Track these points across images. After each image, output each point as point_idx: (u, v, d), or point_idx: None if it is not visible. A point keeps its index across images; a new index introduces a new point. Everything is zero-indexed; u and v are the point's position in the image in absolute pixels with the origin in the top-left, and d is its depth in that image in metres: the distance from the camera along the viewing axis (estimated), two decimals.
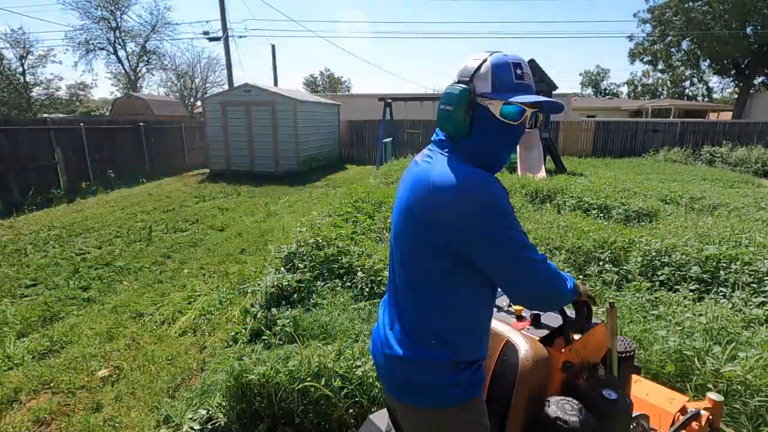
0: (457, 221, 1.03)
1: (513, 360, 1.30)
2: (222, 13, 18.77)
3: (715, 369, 2.20)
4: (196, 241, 6.48)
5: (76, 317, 4.04)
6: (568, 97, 21.26)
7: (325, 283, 3.83)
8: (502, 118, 1.08)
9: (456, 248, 1.06)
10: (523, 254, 1.06)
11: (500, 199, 1.04)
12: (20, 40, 25.71)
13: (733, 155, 14.51)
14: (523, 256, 1.06)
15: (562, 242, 4.45)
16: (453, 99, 1.09)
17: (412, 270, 1.17)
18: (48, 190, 9.40)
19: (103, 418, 2.66)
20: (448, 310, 1.14)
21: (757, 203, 6.99)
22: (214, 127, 13.11)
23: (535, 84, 1.14)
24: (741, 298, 3.18)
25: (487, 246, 1.04)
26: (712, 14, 23.94)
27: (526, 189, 7.56)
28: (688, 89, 40.94)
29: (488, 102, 1.08)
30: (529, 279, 1.08)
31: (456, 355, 1.15)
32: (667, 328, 2.61)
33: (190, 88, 30.46)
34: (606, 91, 55.35)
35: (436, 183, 1.06)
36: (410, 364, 1.16)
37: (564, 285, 1.18)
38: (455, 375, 1.14)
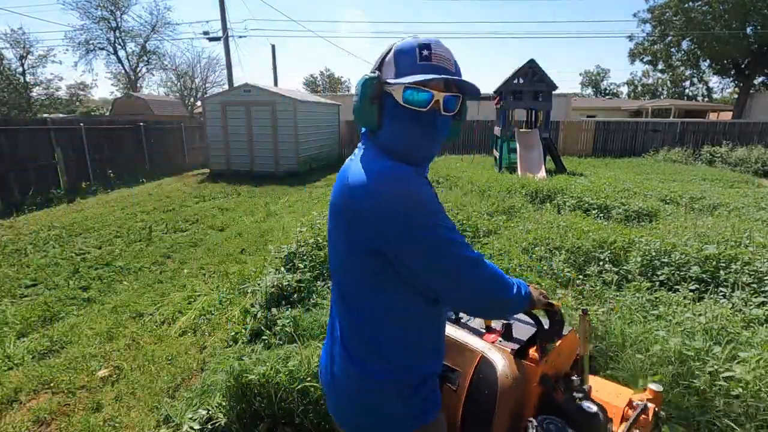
0: (376, 218, 0.91)
1: (491, 377, 1.23)
2: (222, 13, 18.77)
3: (714, 370, 2.20)
4: (196, 241, 6.48)
5: (76, 317, 4.04)
6: (568, 97, 21.26)
7: (325, 283, 3.84)
8: (407, 105, 0.96)
9: (378, 248, 0.94)
10: (453, 252, 0.93)
11: (422, 194, 0.93)
12: (20, 40, 25.76)
13: (733, 155, 14.51)
14: (453, 254, 0.93)
15: (562, 242, 4.45)
16: (358, 90, 1.00)
17: (342, 276, 1.06)
18: (48, 190, 9.40)
19: (103, 418, 2.66)
20: (383, 321, 1.01)
21: (757, 203, 6.99)
22: (214, 127, 13.11)
23: (535, 84, 1.10)
24: (741, 298, 3.18)
25: (411, 245, 0.92)
26: (712, 14, 23.95)
27: (526, 189, 7.56)
28: (688, 89, 40.94)
29: (391, 89, 0.97)
30: (463, 281, 0.95)
31: (403, 374, 1.02)
32: (667, 329, 2.61)
33: (190, 88, 30.47)
34: (606, 91, 55.35)
35: (351, 178, 0.97)
36: (352, 387, 1.04)
37: (508, 288, 1.04)
38: (405, 397, 1.01)
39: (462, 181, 8.37)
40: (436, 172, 9.14)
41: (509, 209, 6.26)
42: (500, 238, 4.78)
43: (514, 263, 3.89)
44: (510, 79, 12.19)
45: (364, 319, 1.03)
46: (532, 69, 11.89)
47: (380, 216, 0.91)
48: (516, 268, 3.80)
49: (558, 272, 3.88)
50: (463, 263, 0.94)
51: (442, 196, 6.86)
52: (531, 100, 12.31)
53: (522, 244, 4.49)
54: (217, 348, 3.37)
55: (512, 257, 4.05)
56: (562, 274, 3.86)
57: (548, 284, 3.60)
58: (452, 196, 7.03)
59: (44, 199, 9.11)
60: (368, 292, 1.01)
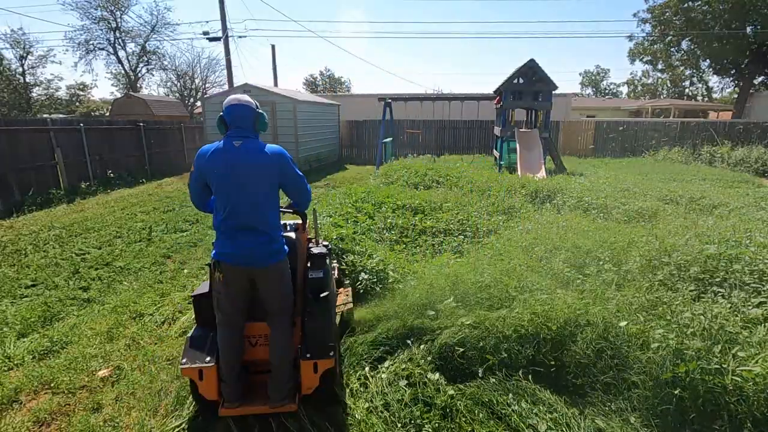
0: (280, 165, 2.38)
1: (291, 239, 2.64)
2: (222, 13, 18.77)
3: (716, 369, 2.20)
4: (196, 241, 6.48)
5: (76, 317, 4.04)
6: (568, 97, 21.25)
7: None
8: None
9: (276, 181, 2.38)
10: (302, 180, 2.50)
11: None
12: (20, 41, 25.75)
13: (733, 155, 14.51)
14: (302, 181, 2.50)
15: (562, 242, 4.45)
16: (266, 117, 2.47)
17: (255, 195, 2.31)
18: (48, 191, 9.39)
19: (103, 419, 2.66)
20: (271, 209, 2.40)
21: (757, 203, 6.98)
22: (214, 127, 13.09)
23: (535, 84, 1.14)
24: (740, 298, 3.18)
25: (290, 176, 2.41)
26: (712, 14, 23.95)
27: (526, 189, 7.56)
28: (688, 89, 40.96)
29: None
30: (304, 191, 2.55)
31: (275, 232, 2.40)
32: (666, 328, 2.61)
33: (190, 89, 30.48)
34: (606, 91, 55.36)
35: (269, 148, 2.35)
36: (268, 244, 2.34)
37: (310, 198, 2.66)
38: (280, 243, 2.43)
39: (462, 181, 8.37)
40: (436, 172, 9.14)
41: (509, 209, 6.26)
42: (500, 238, 4.78)
43: (514, 263, 3.88)
44: (510, 79, 12.19)
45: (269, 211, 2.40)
46: (532, 69, 11.89)
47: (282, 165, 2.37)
48: (516, 268, 3.80)
49: (558, 272, 3.88)
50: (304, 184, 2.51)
51: (442, 196, 6.86)
52: (531, 100, 12.31)
53: (522, 243, 4.48)
54: None
55: (512, 257, 4.05)
56: (562, 274, 3.85)
57: (548, 284, 3.60)
58: (452, 196, 7.03)
59: (44, 200, 9.11)
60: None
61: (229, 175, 2.23)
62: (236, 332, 2.40)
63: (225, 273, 2.31)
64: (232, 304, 2.37)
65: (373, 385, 2.61)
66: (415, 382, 2.58)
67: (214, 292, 2.39)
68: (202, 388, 2.33)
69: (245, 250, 2.28)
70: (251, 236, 2.30)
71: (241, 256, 2.29)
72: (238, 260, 2.29)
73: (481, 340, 2.85)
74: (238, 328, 2.42)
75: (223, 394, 2.37)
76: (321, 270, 2.61)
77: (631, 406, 2.38)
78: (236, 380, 2.37)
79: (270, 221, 2.34)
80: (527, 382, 2.62)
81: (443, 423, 2.36)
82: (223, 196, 2.28)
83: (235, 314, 2.39)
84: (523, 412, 2.37)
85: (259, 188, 2.28)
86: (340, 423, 2.43)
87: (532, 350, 2.81)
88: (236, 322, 2.40)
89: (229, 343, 2.37)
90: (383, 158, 13.36)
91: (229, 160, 2.23)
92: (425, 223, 5.49)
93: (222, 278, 2.31)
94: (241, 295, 2.38)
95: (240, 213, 2.27)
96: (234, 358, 2.36)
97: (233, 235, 2.30)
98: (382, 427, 2.32)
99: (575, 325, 2.85)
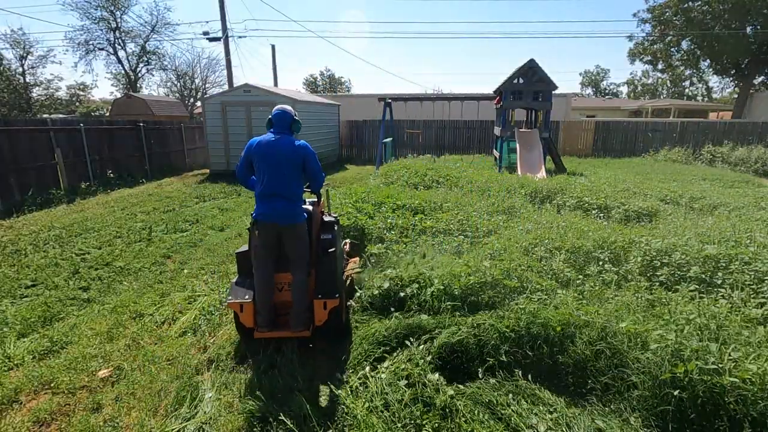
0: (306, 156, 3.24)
1: (309, 212, 3.40)
2: (222, 13, 18.79)
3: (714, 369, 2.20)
4: (196, 242, 6.48)
5: (76, 317, 4.04)
6: (568, 97, 21.25)
7: None
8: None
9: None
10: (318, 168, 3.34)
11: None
12: (20, 41, 25.75)
13: (733, 155, 14.51)
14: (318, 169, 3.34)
15: (562, 242, 4.45)
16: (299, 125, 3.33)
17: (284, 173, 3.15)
18: (48, 191, 9.39)
19: (103, 419, 2.66)
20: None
21: (757, 203, 6.99)
22: (214, 128, 13.12)
23: (535, 84, 1.15)
24: (740, 298, 3.18)
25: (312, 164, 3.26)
26: (712, 14, 23.94)
27: (526, 189, 7.56)
28: (688, 89, 40.96)
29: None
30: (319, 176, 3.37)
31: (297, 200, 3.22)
32: (665, 328, 2.61)
33: (190, 89, 30.50)
34: (606, 91, 55.35)
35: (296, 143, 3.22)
36: (292, 208, 3.15)
37: (322, 183, 3.45)
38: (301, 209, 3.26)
39: (462, 181, 8.37)
40: (436, 172, 9.14)
41: (509, 209, 6.26)
42: (500, 238, 4.78)
43: (514, 263, 3.88)
44: (510, 79, 12.19)
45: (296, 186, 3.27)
46: (532, 69, 11.89)
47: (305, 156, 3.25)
48: (516, 269, 3.80)
49: (558, 272, 3.88)
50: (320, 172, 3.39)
51: (442, 196, 6.86)
52: (531, 100, 12.31)
53: (522, 244, 4.48)
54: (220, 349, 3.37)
55: (512, 257, 4.05)
56: (562, 274, 3.85)
57: (548, 284, 3.60)
58: (452, 196, 7.03)
59: (44, 200, 9.11)
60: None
61: (268, 158, 3.15)
62: (268, 275, 3.22)
63: (260, 228, 3.15)
64: (265, 254, 3.19)
65: (373, 385, 2.61)
66: (415, 382, 2.59)
67: (252, 246, 3.23)
68: (242, 317, 3.18)
69: (275, 210, 3.13)
70: (280, 201, 3.14)
71: (272, 215, 3.14)
72: (270, 218, 3.14)
73: (480, 341, 2.85)
74: (269, 272, 3.23)
75: (258, 322, 3.18)
76: (330, 233, 3.54)
77: (630, 406, 2.38)
78: (267, 312, 3.18)
79: (294, 192, 3.20)
80: (527, 382, 2.62)
81: (443, 423, 2.36)
82: (263, 172, 3.16)
83: (267, 262, 3.21)
84: (523, 412, 2.37)
85: (288, 169, 3.16)
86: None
87: (531, 351, 2.82)
88: (268, 268, 3.22)
89: (263, 284, 3.19)
90: (383, 158, 13.36)
91: (269, 148, 3.16)
92: (425, 223, 5.49)
93: (258, 233, 3.14)
94: (271, 247, 3.20)
95: (273, 185, 3.15)
96: (266, 294, 3.19)
97: (268, 200, 3.15)
98: (382, 427, 2.32)
99: (574, 326, 2.86)
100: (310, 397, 2.70)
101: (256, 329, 3.19)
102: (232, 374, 3.03)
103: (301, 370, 3.01)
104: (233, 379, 2.96)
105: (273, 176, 3.14)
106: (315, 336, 3.31)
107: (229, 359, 3.23)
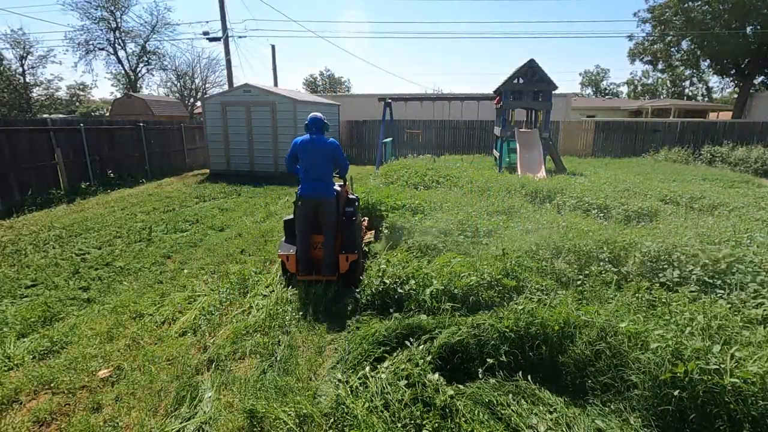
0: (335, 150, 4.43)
1: (337, 193, 4.53)
2: (222, 13, 18.78)
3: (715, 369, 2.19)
4: (196, 242, 6.48)
5: (76, 317, 4.04)
6: (568, 97, 21.23)
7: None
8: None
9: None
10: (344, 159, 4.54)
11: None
12: (20, 41, 25.75)
13: (733, 155, 14.51)
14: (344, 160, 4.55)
15: (563, 242, 4.45)
16: (328, 126, 4.48)
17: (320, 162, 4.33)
18: (48, 191, 9.39)
19: (103, 419, 2.66)
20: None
21: (757, 203, 6.99)
22: (214, 127, 13.12)
23: (535, 84, 1.15)
24: (740, 298, 3.18)
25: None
26: (712, 14, 23.94)
27: (526, 189, 7.55)
28: (688, 89, 40.96)
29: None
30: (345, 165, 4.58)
31: (329, 182, 4.43)
32: (666, 328, 2.61)
33: (190, 89, 30.49)
34: (606, 91, 55.34)
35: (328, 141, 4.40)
36: (326, 188, 4.35)
37: (347, 171, 4.67)
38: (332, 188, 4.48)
39: (462, 181, 8.37)
40: (436, 172, 9.14)
41: (509, 209, 6.26)
42: (500, 238, 4.78)
43: (514, 263, 3.88)
44: (510, 79, 12.19)
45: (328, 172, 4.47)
46: (532, 69, 11.89)
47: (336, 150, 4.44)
48: (516, 269, 3.80)
49: (558, 272, 3.88)
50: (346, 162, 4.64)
51: (442, 196, 6.86)
52: (531, 100, 12.30)
53: (522, 244, 4.48)
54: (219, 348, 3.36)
55: (513, 257, 4.05)
56: (563, 274, 3.85)
57: (549, 284, 3.60)
58: (452, 196, 7.03)
59: (44, 200, 9.11)
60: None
61: (308, 152, 4.31)
62: (306, 236, 4.41)
63: (302, 202, 4.33)
64: (305, 221, 4.37)
65: (373, 385, 2.61)
66: (415, 382, 2.59)
67: (296, 215, 4.45)
68: (288, 265, 4.40)
69: (314, 190, 4.31)
70: (317, 183, 4.32)
71: (312, 194, 4.31)
72: (311, 195, 4.32)
73: (480, 341, 2.85)
74: (308, 234, 4.42)
75: (299, 269, 4.38)
76: (352, 207, 4.68)
77: (630, 406, 2.38)
78: (306, 262, 4.40)
79: (327, 177, 4.39)
80: (527, 382, 2.62)
81: (443, 423, 2.36)
82: (304, 162, 4.33)
83: (306, 226, 4.39)
84: (523, 412, 2.37)
85: (322, 160, 4.32)
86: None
87: (531, 351, 2.82)
88: (307, 231, 4.41)
89: (303, 242, 4.39)
90: (383, 158, 13.36)
91: (309, 145, 4.32)
92: (425, 223, 5.49)
93: (301, 205, 4.33)
94: (310, 216, 4.37)
95: (312, 171, 4.32)
96: (305, 249, 4.40)
97: (309, 183, 4.32)
98: (382, 427, 2.32)
99: (574, 326, 2.86)
100: (310, 397, 2.70)
101: (298, 274, 4.38)
102: (231, 374, 3.03)
103: (301, 369, 3.01)
104: (233, 379, 2.96)
105: (312, 165, 4.29)
106: (339, 280, 4.41)
107: (229, 359, 3.23)
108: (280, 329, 3.65)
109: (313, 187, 4.26)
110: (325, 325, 3.72)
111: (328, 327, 3.69)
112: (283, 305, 4.01)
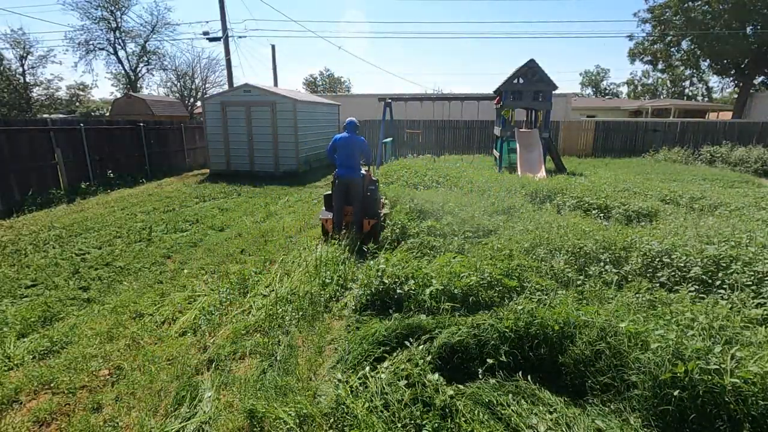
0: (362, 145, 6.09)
1: (363, 175, 6.05)
2: (222, 14, 18.78)
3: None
4: (196, 242, 6.48)
5: (76, 317, 4.04)
6: (568, 97, 21.24)
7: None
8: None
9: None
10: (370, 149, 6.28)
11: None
12: (20, 41, 25.73)
13: (733, 155, 14.51)
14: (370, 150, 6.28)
15: (563, 243, 4.45)
16: (359, 127, 6.25)
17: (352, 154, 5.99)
18: (48, 191, 9.39)
19: (103, 419, 2.66)
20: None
21: (757, 203, 6.99)
22: (214, 127, 13.11)
23: (535, 84, 1.15)
24: (740, 298, 3.18)
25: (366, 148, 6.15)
26: (712, 14, 23.94)
27: (526, 189, 7.56)
28: (688, 89, 40.95)
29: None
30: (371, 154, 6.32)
31: (358, 167, 6.06)
32: (666, 328, 2.61)
33: (190, 89, 30.46)
34: (606, 91, 55.33)
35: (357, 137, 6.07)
36: (355, 171, 5.94)
37: (371, 160, 6.56)
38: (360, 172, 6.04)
39: (462, 181, 8.37)
40: (436, 172, 9.14)
41: (509, 209, 6.26)
42: (500, 238, 4.77)
43: (514, 263, 3.88)
44: (510, 79, 12.19)
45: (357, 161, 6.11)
46: (531, 69, 11.89)
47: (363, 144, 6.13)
48: (516, 268, 3.80)
49: (558, 272, 3.88)
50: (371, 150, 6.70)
51: (442, 196, 6.86)
52: (531, 100, 12.31)
53: (522, 244, 4.48)
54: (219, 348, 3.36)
55: (513, 257, 4.04)
56: (563, 274, 3.85)
57: (549, 284, 3.59)
58: (452, 196, 7.03)
59: (44, 200, 9.10)
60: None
61: (344, 146, 5.87)
62: (341, 206, 5.90)
63: (338, 181, 5.81)
64: (339, 195, 5.86)
65: (373, 385, 2.61)
66: (415, 383, 2.58)
67: (333, 191, 5.91)
68: (326, 226, 5.94)
69: (347, 173, 5.81)
70: (349, 168, 5.85)
71: (345, 176, 5.81)
72: (344, 177, 5.80)
73: (480, 341, 2.85)
74: (341, 205, 5.90)
75: (335, 229, 5.82)
76: (373, 185, 6.09)
77: (630, 406, 2.38)
78: (339, 225, 5.87)
79: (356, 163, 5.90)
80: (527, 382, 2.62)
81: (443, 423, 2.35)
82: (340, 153, 5.87)
83: (340, 199, 5.87)
84: (523, 412, 2.37)
85: (354, 152, 5.88)
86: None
87: (531, 351, 2.82)
88: (341, 203, 5.89)
89: (338, 210, 5.90)
90: (383, 158, 13.36)
91: (345, 140, 5.89)
92: (425, 223, 5.50)
93: (337, 184, 5.82)
94: (343, 192, 5.86)
95: (346, 160, 5.85)
96: (340, 216, 5.91)
97: (343, 168, 5.83)
98: (382, 427, 2.32)
99: (574, 326, 2.86)
100: (310, 397, 2.70)
101: (333, 233, 5.76)
102: (231, 374, 3.03)
103: (301, 369, 3.01)
104: (233, 379, 2.96)
105: (346, 156, 5.85)
106: (363, 237, 5.72)
107: (229, 359, 3.23)
108: (279, 329, 3.64)
109: (347, 171, 5.80)
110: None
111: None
112: (283, 305, 4.01)
